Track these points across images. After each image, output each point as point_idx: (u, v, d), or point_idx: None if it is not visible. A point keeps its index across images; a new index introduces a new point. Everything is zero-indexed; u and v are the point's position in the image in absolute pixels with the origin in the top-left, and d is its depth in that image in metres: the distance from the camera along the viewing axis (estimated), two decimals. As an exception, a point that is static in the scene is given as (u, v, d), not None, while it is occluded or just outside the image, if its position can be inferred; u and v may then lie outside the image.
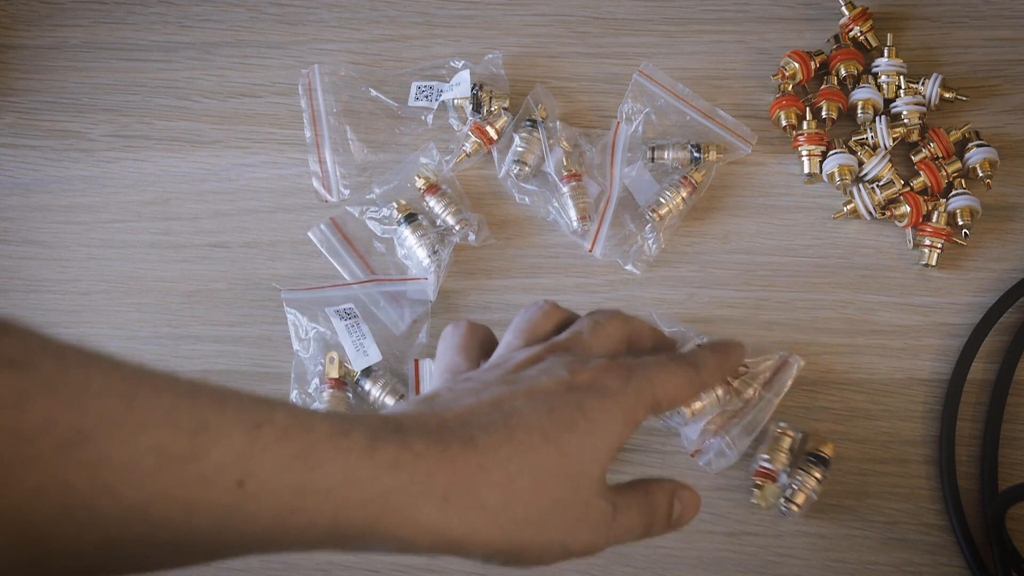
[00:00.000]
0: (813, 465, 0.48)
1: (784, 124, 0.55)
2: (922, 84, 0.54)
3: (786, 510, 0.48)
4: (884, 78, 0.55)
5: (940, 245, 0.52)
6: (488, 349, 0.39)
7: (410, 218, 0.54)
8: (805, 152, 0.54)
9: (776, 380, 0.50)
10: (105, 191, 0.58)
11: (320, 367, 0.52)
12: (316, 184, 0.56)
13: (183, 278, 0.56)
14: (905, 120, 0.54)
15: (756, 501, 0.49)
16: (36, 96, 0.60)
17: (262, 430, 0.26)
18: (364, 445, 0.28)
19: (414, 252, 0.54)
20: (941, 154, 0.54)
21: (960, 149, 0.54)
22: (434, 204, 0.54)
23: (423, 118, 0.58)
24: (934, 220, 0.52)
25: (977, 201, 0.52)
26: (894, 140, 0.54)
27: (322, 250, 0.55)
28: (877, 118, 0.54)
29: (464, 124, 0.56)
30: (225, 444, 0.26)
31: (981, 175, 0.53)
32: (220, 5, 0.61)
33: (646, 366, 0.36)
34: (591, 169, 0.55)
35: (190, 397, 0.26)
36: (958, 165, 0.54)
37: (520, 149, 0.54)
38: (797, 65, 0.55)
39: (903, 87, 0.55)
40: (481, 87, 0.56)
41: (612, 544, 0.34)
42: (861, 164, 0.54)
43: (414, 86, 0.58)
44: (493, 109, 0.56)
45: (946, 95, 0.54)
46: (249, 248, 0.56)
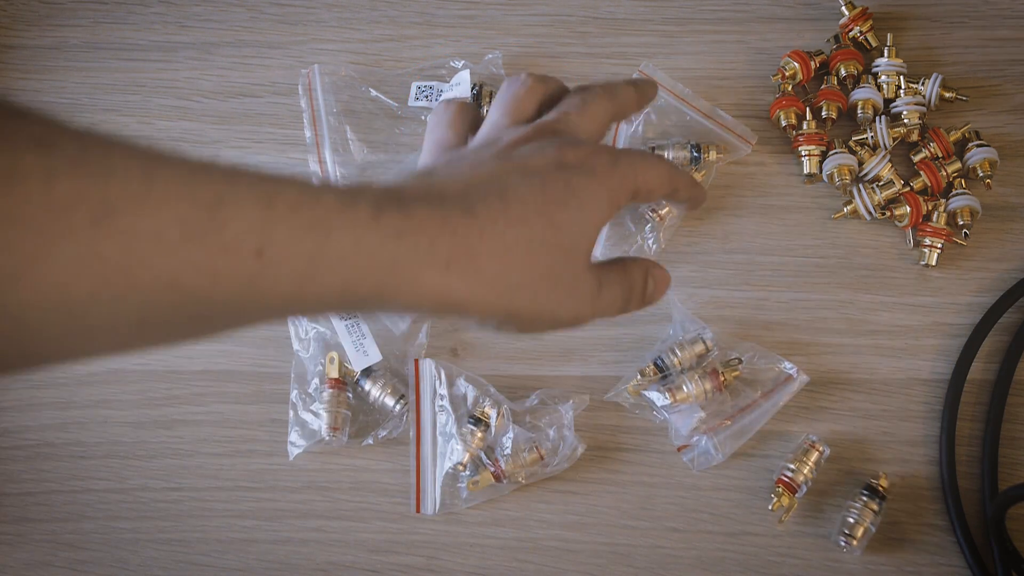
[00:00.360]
0: (869, 498, 0.48)
1: (784, 124, 0.55)
2: (922, 84, 0.54)
3: (845, 544, 0.48)
4: (884, 78, 0.55)
5: (940, 245, 0.52)
6: (475, 126, 0.41)
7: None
8: (805, 152, 0.54)
9: (777, 392, 0.50)
10: (105, 191, 0.58)
11: (320, 367, 0.52)
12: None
13: (183, 278, 0.56)
14: (905, 120, 0.54)
15: (773, 508, 0.49)
16: (36, 96, 0.60)
17: (275, 203, 0.28)
18: (370, 215, 0.30)
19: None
20: (941, 154, 0.54)
21: (960, 149, 0.54)
22: None
23: (423, 118, 0.58)
24: (934, 220, 0.52)
25: (977, 201, 0.52)
26: (894, 140, 0.54)
27: None
28: (877, 118, 0.54)
29: (464, 124, 0.57)
30: (241, 216, 0.27)
31: (981, 175, 0.53)
32: (220, 5, 0.61)
33: (633, 154, 0.38)
34: None
35: (204, 172, 0.27)
36: (958, 165, 0.54)
37: None
38: (797, 65, 0.55)
39: (903, 87, 0.55)
40: (481, 87, 0.56)
41: (596, 317, 0.36)
42: (861, 164, 0.54)
43: (414, 86, 0.58)
44: (493, 109, 0.56)
45: (946, 95, 0.54)
46: (249, 248, 0.56)
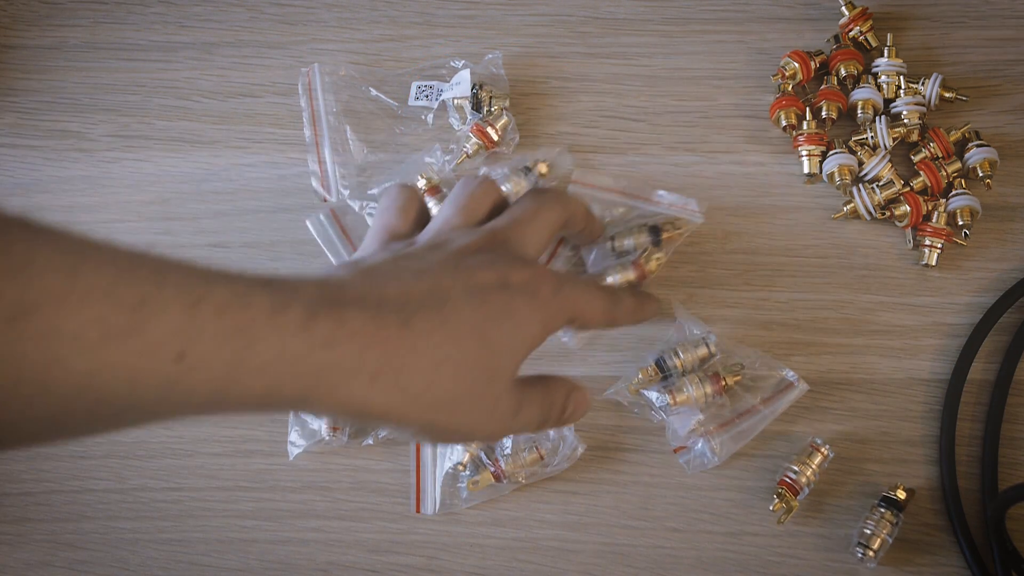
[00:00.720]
0: (887, 509, 0.48)
1: (784, 124, 0.55)
2: (922, 84, 0.54)
3: (862, 555, 0.48)
4: (884, 78, 0.55)
5: (940, 245, 0.52)
6: (425, 216, 0.41)
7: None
8: (805, 152, 0.54)
9: (776, 399, 0.50)
10: (105, 191, 0.58)
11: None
12: (315, 184, 0.56)
13: (183, 278, 0.56)
14: (905, 120, 0.54)
15: (774, 509, 0.49)
16: (36, 96, 0.60)
17: (200, 306, 0.27)
18: (300, 322, 0.29)
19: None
20: (941, 154, 0.54)
21: (960, 149, 0.54)
22: (434, 206, 0.54)
23: (423, 118, 0.58)
24: (934, 220, 0.52)
25: (977, 201, 0.52)
26: (894, 140, 0.54)
27: (319, 240, 0.55)
28: (877, 118, 0.54)
29: (464, 124, 0.56)
30: (164, 319, 0.26)
31: (981, 175, 0.53)
32: (220, 5, 0.61)
33: (576, 284, 0.39)
34: None
35: (130, 271, 0.27)
36: (958, 165, 0.54)
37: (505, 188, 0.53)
38: (797, 65, 0.55)
39: (903, 87, 0.55)
40: (481, 87, 0.56)
41: (511, 434, 0.38)
42: (861, 164, 0.54)
43: (414, 85, 0.58)
44: (493, 109, 0.56)
45: (946, 95, 0.54)
46: (249, 248, 0.56)
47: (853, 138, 0.55)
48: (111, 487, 0.53)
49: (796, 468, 0.49)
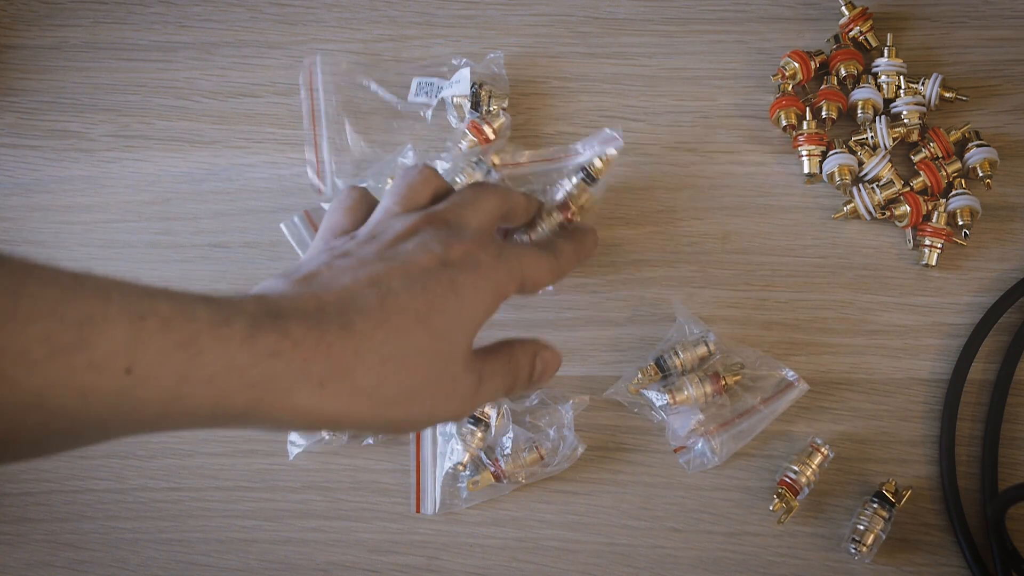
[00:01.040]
0: (879, 505, 0.48)
1: (784, 124, 0.55)
2: (922, 84, 0.54)
3: (855, 551, 0.48)
4: (884, 78, 0.55)
5: (940, 245, 0.52)
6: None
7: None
8: (805, 152, 0.54)
9: (776, 399, 0.50)
10: (105, 191, 0.58)
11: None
12: (311, 174, 0.56)
13: (183, 278, 0.56)
14: (905, 120, 0.54)
15: (774, 509, 0.49)
16: (36, 96, 0.60)
17: (146, 321, 0.28)
18: (245, 334, 0.30)
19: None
20: (941, 154, 0.54)
21: (960, 149, 0.54)
22: None
23: (422, 114, 0.58)
24: (934, 220, 0.52)
25: (977, 201, 0.52)
26: (894, 140, 0.54)
27: (293, 243, 0.55)
28: (877, 118, 0.54)
29: (462, 122, 0.56)
30: (110, 334, 0.27)
31: (981, 175, 0.53)
32: (220, 5, 0.61)
33: (515, 247, 0.39)
34: None
35: (74, 290, 0.27)
36: (958, 165, 0.54)
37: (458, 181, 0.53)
38: (797, 65, 0.55)
39: (903, 87, 0.55)
40: (481, 86, 0.56)
41: (476, 408, 0.37)
42: (861, 164, 0.54)
43: (415, 82, 0.58)
44: (492, 108, 0.56)
45: (946, 95, 0.54)
46: (249, 248, 0.56)
47: (853, 138, 0.55)
48: (111, 487, 0.53)
49: (796, 468, 0.49)
